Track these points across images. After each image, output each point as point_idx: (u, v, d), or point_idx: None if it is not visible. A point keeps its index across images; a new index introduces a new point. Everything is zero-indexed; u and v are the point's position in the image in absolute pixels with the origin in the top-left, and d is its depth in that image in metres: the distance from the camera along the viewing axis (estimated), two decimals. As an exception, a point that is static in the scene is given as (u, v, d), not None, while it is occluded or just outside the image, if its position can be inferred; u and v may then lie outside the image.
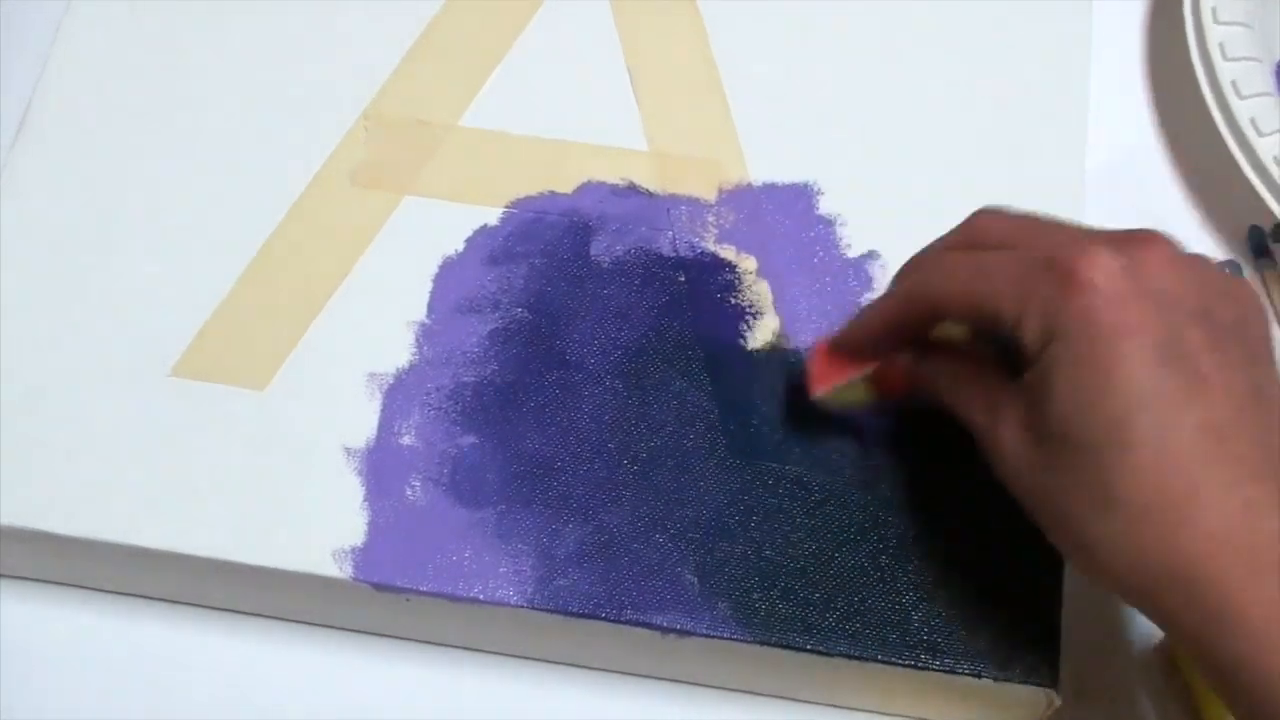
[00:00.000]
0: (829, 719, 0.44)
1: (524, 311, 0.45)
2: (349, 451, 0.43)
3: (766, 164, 0.47)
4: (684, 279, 0.45)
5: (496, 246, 0.46)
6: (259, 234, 0.46)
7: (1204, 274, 0.35)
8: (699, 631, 0.41)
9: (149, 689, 0.44)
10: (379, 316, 0.45)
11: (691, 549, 0.41)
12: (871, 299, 0.43)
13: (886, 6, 0.50)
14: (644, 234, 0.46)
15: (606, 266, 0.46)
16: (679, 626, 0.41)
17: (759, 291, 0.45)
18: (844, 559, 0.41)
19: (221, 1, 0.50)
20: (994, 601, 0.41)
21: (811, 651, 0.40)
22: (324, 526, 0.42)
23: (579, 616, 0.41)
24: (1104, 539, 0.33)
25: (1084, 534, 0.34)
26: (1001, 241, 0.37)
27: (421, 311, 0.45)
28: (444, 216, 0.46)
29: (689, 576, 0.41)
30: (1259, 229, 0.51)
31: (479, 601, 0.41)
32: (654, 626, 0.41)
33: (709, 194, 0.47)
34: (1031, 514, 0.36)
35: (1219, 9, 0.51)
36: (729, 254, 0.46)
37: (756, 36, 0.50)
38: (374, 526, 0.42)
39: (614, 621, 0.41)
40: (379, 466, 0.43)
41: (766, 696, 0.44)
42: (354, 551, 0.41)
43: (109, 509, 0.42)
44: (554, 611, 0.41)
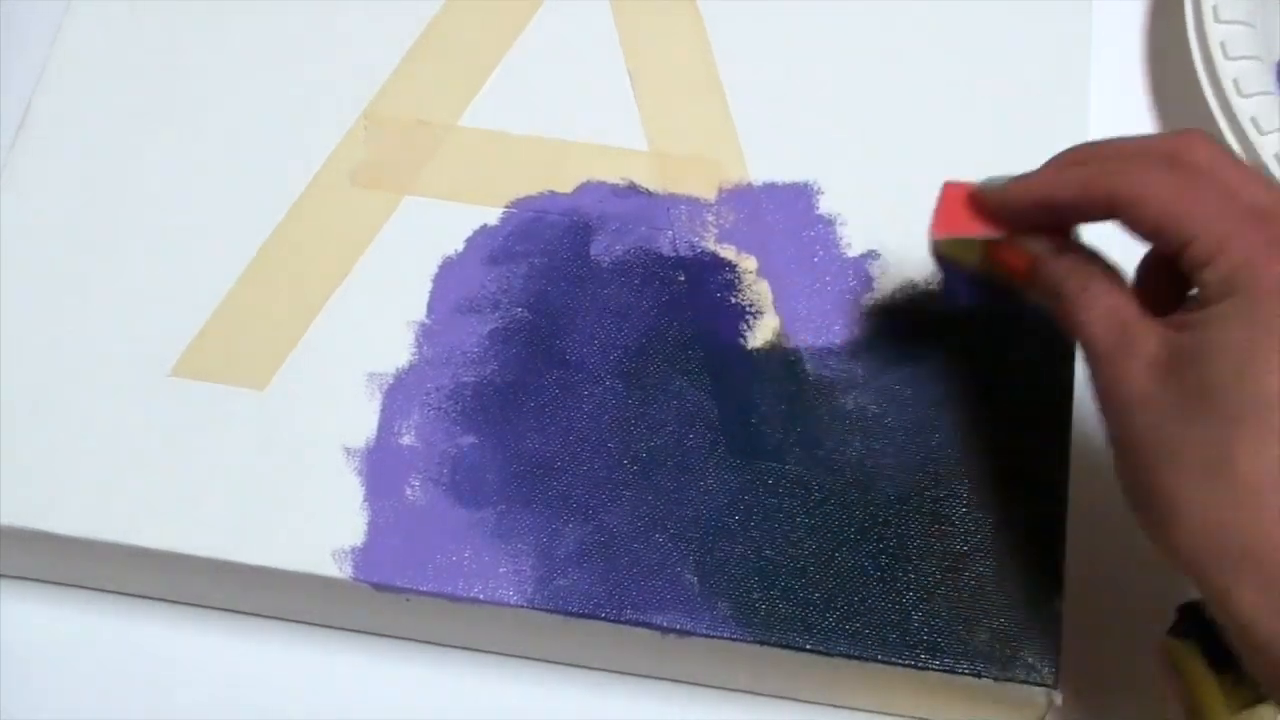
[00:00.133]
0: (829, 719, 0.44)
1: (524, 311, 0.45)
2: (349, 451, 0.43)
3: (766, 164, 0.47)
4: (684, 278, 0.45)
5: (496, 246, 0.46)
6: (259, 234, 0.46)
7: None
8: (699, 631, 0.41)
9: (149, 689, 0.44)
10: (379, 316, 0.45)
11: (691, 549, 0.41)
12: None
13: (886, 6, 0.50)
14: (644, 234, 0.46)
15: (606, 266, 0.46)
16: (679, 626, 0.41)
17: (759, 291, 0.45)
18: (844, 559, 0.41)
19: (221, 1, 0.50)
20: (994, 601, 0.41)
21: (811, 651, 0.40)
22: (324, 526, 0.42)
23: (579, 616, 0.41)
24: (1194, 504, 0.32)
25: (1176, 492, 0.32)
26: (1211, 169, 0.34)
27: (421, 311, 0.45)
28: (444, 216, 0.46)
29: (689, 576, 0.41)
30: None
31: (479, 601, 0.41)
32: (654, 626, 0.41)
33: (709, 194, 0.47)
34: (1126, 452, 0.34)
35: (1220, 8, 0.51)
36: (729, 253, 0.46)
37: (756, 36, 0.50)
38: (374, 526, 0.42)
39: (614, 621, 0.41)
40: (379, 466, 0.43)
41: (766, 696, 0.44)
42: (354, 551, 0.41)
43: (109, 509, 0.42)
44: (554, 611, 0.41)
